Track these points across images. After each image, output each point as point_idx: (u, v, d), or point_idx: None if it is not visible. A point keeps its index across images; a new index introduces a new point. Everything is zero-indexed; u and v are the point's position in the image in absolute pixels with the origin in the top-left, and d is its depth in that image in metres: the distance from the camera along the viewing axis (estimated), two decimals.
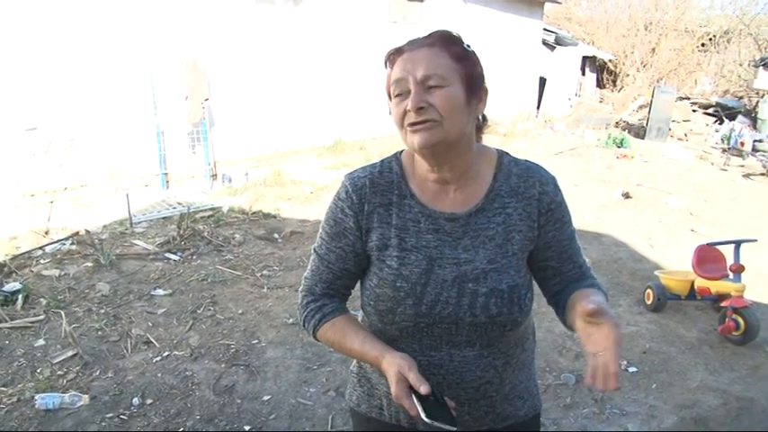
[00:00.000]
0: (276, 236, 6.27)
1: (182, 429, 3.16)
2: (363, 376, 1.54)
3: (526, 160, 1.45)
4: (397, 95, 1.28)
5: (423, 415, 1.15)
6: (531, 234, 1.38)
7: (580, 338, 1.20)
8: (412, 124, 1.25)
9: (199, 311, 4.50)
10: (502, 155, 1.44)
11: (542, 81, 15.16)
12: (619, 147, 11.94)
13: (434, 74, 1.24)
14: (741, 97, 16.51)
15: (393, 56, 1.31)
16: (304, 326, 1.48)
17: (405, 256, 1.35)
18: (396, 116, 1.29)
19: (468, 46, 1.31)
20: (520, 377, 1.48)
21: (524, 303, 1.35)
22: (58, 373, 3.63)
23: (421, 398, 1.18)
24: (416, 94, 1.24)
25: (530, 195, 1.38)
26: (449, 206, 1.37)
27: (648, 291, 4.76)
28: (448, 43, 1.28)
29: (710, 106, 15.91)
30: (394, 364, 1.24)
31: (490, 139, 1.32)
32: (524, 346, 1.49)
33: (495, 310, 1.31)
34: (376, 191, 1.39)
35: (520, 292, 1.34)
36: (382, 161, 1.45)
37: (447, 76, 1.25)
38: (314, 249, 1.48)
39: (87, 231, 5.85)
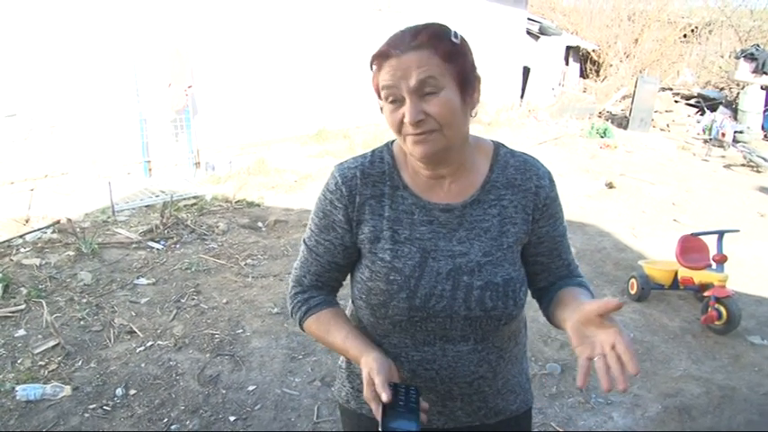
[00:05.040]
0: (260, 224, 6.23)
1: (166, 420, 3.14)
2: (352, 372, 1.50)
3: (522, 153, 1.42)
4: (391, 102, 1.23)
5: (380, 424, 1.13)
6: (525, 227, 1.36)
7: (571, 339, 1.16)
8: (411, 134, 1.22)
9: (182, 301, 4.46)
10: (498, 146, 1.41)
11: (526, 71, 15.16)
12: (602, 137, 11.97)
13: (427, 77, 1.18)
14: (722, 88, 16.58)
15: (378, 59, 1.23)
16: (292, 315, 1.46)
17: (398, 248, 1.32)
18: (391, 123, 1.24)
19: (456, 35, 1.23)
20: (513, 371, 1.46)
21: (519, 297, 1.33)
22: (40, 363, 3.58)
23: (392, 400, 1.15)
24: (413, 107, 1.19)
25: (526, 188, 1.36)
26: (443, 197, 1.34)
27: (632, 280, 4.79)
28: (436, 42, 1.20)
29: (692, 97, 15.97)
30: (367, 365, 1.22)
31: (474, 129, 1.30)
32: (517, 339, 1.47)
33: (491, 304, 1.29)
34: (367, 182, 1.35)
35: (515, 285, 1.32)
36: (373, 151, 1.41)
37: (440, 78, 1.19)
38: (303, 240, 1.45)
39: (69, 219, 5.77)
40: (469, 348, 1.34)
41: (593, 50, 18.58)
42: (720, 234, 4.47)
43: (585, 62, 18.99)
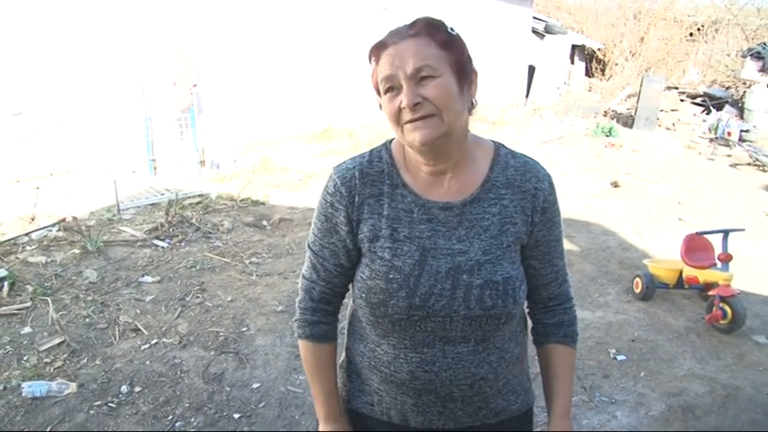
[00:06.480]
0: (265, 223, 6.24)
1: (170, 417, 3.15)
2: (353, 371, 1.50)
3: (523, 154, 1.42)
4: (388, 91, 1.24)
5: None
6: (525, 228, 1.35)
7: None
8: (410, 121, 1.22)
9: (187, 299, 4.48)
10: (498, 146, 1.41)
11: (531, 69, 15.14)
12: (607, 136, 11.96)
13: (424, 65, 1.19)
14: (728, 87, 16.55)
15: (377, 50, 1.25)
16: (295, 323, 1.49)
17: (397, 247, 1.31)
18: (389, 113, 1.25)
19: (452, 30, 1.25)
20: (514, 371, 1.45)
21: (519, 295, 1.32)
22: (45, 360, 3.60)
23: None
24: (410, 90, 1.20)
25: (525, 190, 1.35)
26: (443, 195, 1.33)
27: (637, 279, 4.78)
28: (432, 30, 1.23)
29: (698, 96, 15.93)
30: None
31: (479, 127, 1.30)
32: (518, 339, 1.46)
33: (490, 303, 1.28)
34: (365, 181, 1.35)
35: (514, 283, 1.31)
36: (371, 151, 1.40)
37: (437, 65, 1.20)
38: (308, 246, 1.45)
39: (74, 218, 5.79)
40: (470, 350, 1.33)
41: (599, 49, 18.56)
42: (725, 233, 4.45)
43: (591, 61, 18.98)
